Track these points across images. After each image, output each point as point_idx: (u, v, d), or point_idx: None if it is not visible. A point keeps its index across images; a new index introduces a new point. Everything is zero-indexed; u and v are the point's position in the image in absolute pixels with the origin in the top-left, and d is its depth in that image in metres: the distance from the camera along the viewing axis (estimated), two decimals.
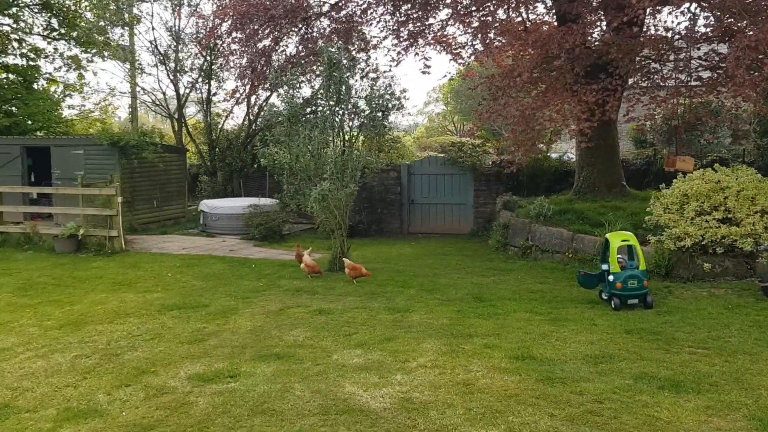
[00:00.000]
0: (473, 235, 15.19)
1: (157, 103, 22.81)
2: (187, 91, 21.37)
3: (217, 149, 20.38)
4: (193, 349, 6.48)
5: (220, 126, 21.54)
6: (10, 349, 6.57)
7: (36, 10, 21.92)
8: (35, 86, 22.44)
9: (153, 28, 23.70)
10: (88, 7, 22.45)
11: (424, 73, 13.61)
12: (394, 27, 13.61)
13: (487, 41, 12.92)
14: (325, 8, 14.30)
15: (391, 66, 15.25)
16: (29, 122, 20.59)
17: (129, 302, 8.56)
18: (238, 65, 15.99)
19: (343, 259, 9.96)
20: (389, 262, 11.56)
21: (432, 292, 9.08)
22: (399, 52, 13.48)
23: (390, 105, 10.82)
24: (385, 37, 13.81)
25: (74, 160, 15.54)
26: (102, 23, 21.89)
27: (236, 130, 21.15)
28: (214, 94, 21.54)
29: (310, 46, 13.89)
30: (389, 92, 10.88)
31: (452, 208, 16.05)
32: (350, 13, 13.98)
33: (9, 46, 22.19)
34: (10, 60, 22.38)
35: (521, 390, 5.30)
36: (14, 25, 21.66)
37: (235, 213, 15.25)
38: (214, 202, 16.25)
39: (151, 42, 21.60)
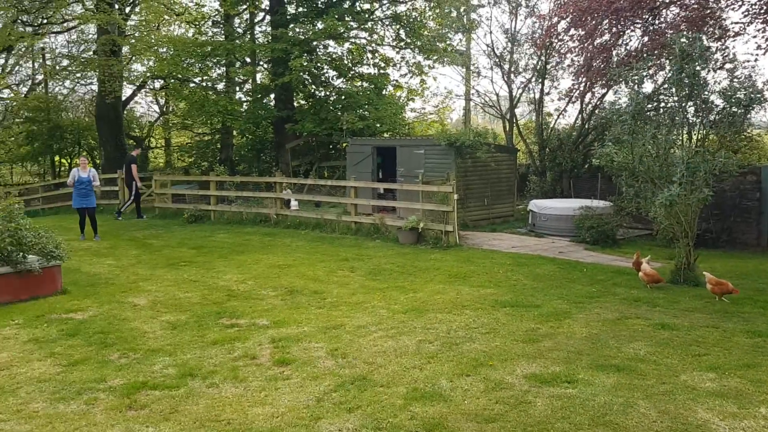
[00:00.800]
0: None
1: (490, 104, 23.65)
2: (520, 91, 21.72)
3: (547, 149, 20.30)
4: (527, 348, 6.45)
5: (551, 125, 21.41)
6: (365, 327, 7.33)
7: (387, 23, 24.42)
8: (384, 92, 25.06)
9: (490, 32, 24.51)
10: (431, 17, 24.26)
11: None
12: (761, 10, 11.87)
13: None
14: None
15: (757, 55, 13.27)
16: (378, 125, 23.09)
17: (464, 295, 8.92)
18: (575, 63, 15.68)
19: (705, 273, 8.96)
20: (745, 278, 10.10)
21: None
22: (767, 39, 11.73)
23: (751, 98, 9.45)
24: (750, 23, 12.12)
25: (415, 159, 16.88)
26: (443, 30, 23.48)
27: (567, 130, 20.79)
28: (547, 93, 21.53)
29: (656, 38, 12.91)
30: (750, 84, 9.51)
31: None
32: None
33: (364, 57, 25.19)
34: (364, 69, 25.42)
35: None
36: (368, 38, 24.47)
37: (564, 214, 14.94)
38: (543, 202, 16.16)
39: (487, 45, 22.51)
